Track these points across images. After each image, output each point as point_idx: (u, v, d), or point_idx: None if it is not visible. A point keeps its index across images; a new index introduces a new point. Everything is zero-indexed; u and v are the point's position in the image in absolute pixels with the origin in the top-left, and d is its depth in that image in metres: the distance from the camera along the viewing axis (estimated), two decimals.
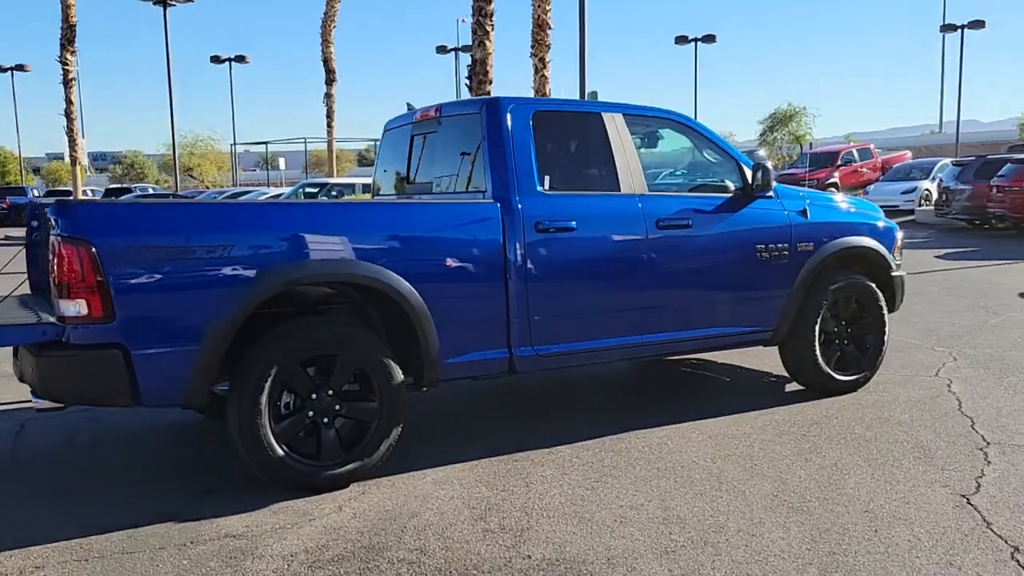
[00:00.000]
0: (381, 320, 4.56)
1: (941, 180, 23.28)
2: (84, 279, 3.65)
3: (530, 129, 4.81)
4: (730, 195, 5.42)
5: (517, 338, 4.69)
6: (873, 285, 5.94)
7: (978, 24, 42.68)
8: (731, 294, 5.40)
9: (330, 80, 29.94)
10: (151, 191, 37.77)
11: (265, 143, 43.98)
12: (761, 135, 47.33)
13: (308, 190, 18.55)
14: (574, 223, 4.78)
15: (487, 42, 15.06)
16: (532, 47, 18.90)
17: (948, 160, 27.44)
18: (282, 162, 64.92)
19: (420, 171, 5.53)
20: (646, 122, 5.37)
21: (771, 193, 5.51)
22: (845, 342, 5.93)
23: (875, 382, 6.06)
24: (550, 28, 18.85)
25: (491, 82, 15.16)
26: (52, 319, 3.78)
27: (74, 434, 5.34)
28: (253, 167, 76.49)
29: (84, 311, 3.67)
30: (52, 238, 3.72)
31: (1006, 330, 8.14)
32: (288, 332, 4.10)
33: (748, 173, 5.45)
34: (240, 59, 44.02)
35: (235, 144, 46.22)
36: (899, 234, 6.24)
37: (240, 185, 43.80)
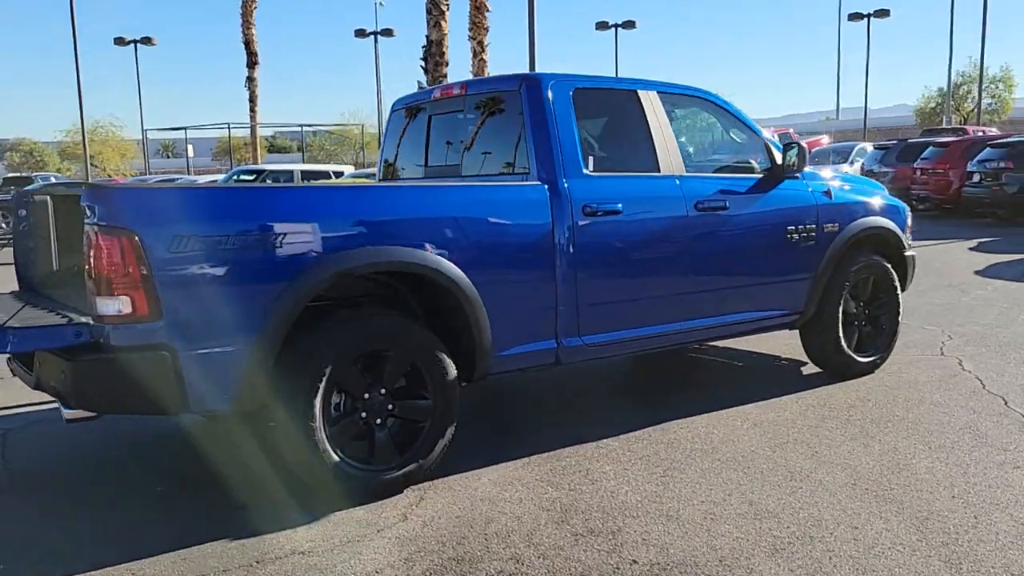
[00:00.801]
0: (424, 312, 4.25)
1: (864, 164, 23.95)
2: (127, 273, 3.24)
3: (571, 107, 4.56)
4: (761, 176, 5.29)
5: (565, 328, 4.45)
6: (889, 265, 5.91)
7: (883, 13, 44.20)
8: (764, 277, 5.27)
9: (252, 63, 28.83)
10: (54, 180, 35.80)
11: (184, 128, 42.09)
12: None
13: (244, 177, 17.75)
14: (620, 206, 4.56)
15: (443, 23, 14.64)
16: (470, 30, 18.53)
17: (866, 144, 28.25)
18: (190, 149, 62.53)
19: (441, 153, 5.21)
20: (676, 100, 5.18)
21: (798, 174, 5.40)
22: (863, 323, 5.89)
23: (888, 363, 6.04)
24: (488, 11, 18.51)
25: (447, 64, 14.75)
26: (84, 319, 3.35)
27: (66, 443, 4.86)
28: (154, 155, 73.40)
29: (127, 309, 3.26)
30: (87, 228, 3.29)
31: (980, 308, 8.30)
32: (341, 327, 3.76)
33: (776, 153, 5.33)
34: (146, 41, 42.15)
35: (146, 130, 44.19)
36: (909, 214, 6.24)
37: (153, 172, 42.00)
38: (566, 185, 4.40)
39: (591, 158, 4.57)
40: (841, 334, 5.67)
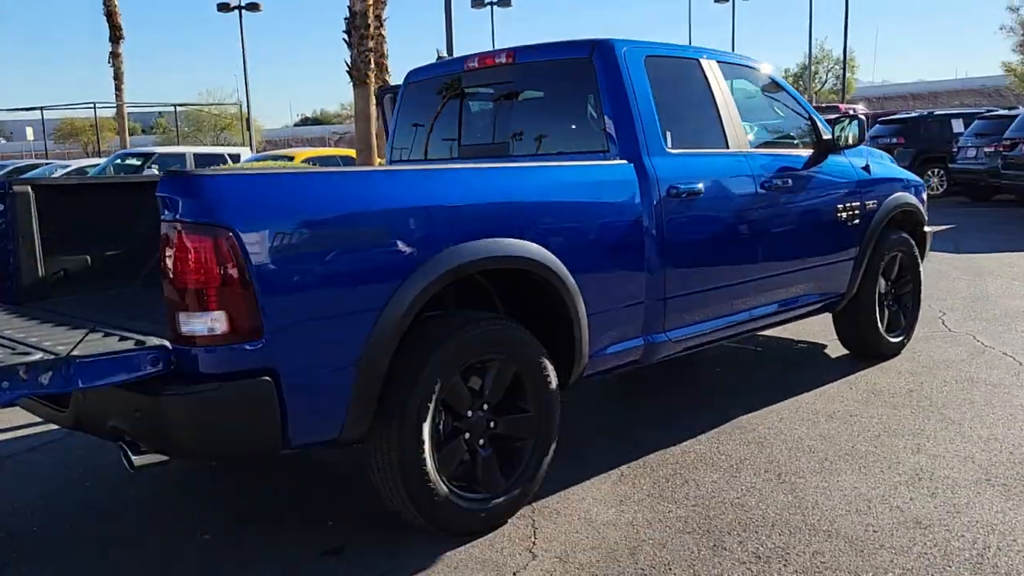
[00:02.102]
0: (508, 313, 3.71)
1: None
2: (224, 282, 2.57)
3: (647, 76, 4.10)
4: (812, 151, 4.98)
5: (651, 323, 4.01)
6: (913, 243, 5.77)
7: None
8: (822, 257, 4.98)
9: (116, 37, 26.50)
10: None
11: (40, 108, 38.54)
12: None
13: (130, 162, 16.14)
14: (701, 185, 4.14)
15: None
16: (370, 2, 17.58)
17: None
18: (29, 132, 57.73)
19: (478, 130, 4.64)
20: (732, 70, 4.79)
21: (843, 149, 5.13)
22: (891, 303, 5.72)
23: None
24: None
25: (373, 37, 13.86)
26: (160, 341, 2.64)
27: (42, 488, 4.05)
28: None
29: (223, 327, 2.59)
30: (166, 227, 2.59)
31: (945, 281, 8.40)
32: (453, 335, 3.18)
33: (822, 127, 5.05)
34: None
35: None
36: (924, 188, 6.13)
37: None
38: (651, 163, 3.95)
39: (669, 133, 4.13)
40: (878, 315, 5.49)
